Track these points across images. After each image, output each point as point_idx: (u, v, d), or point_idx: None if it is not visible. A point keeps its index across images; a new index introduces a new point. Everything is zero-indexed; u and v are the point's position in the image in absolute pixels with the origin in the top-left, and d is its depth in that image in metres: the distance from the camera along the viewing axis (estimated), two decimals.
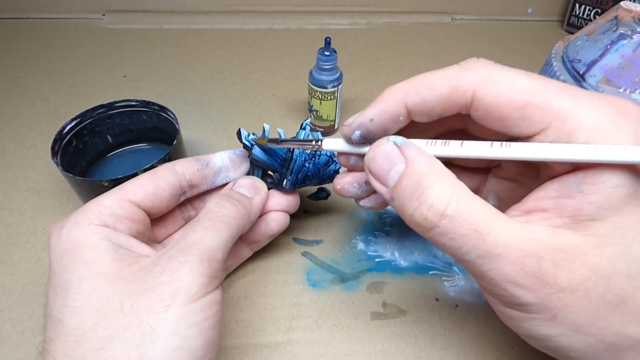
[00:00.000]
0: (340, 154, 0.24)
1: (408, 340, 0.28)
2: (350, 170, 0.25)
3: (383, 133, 0.21)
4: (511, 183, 0.24)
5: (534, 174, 0.21)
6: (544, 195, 0.18)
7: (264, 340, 0.27)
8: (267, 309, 0.29)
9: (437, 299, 0.30)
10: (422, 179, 0.18)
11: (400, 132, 0.22)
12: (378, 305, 0.30)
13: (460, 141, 0.20)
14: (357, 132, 0.21)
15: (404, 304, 0.30)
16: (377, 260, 0.32)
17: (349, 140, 0.22)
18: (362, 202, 0.25)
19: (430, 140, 0.20)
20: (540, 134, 0.18)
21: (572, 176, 0.17)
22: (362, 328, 0.28)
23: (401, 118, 0.21)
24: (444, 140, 0.20)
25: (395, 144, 0.20)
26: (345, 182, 0.24)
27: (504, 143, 0.19)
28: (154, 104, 0.37)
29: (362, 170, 0.24)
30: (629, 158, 0.16)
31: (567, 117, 0.17)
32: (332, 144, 0.24)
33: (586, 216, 0.17)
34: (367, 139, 0.22)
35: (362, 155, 0.22)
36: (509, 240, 0.17)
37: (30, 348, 0.27)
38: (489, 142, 0.19)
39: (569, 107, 0.17)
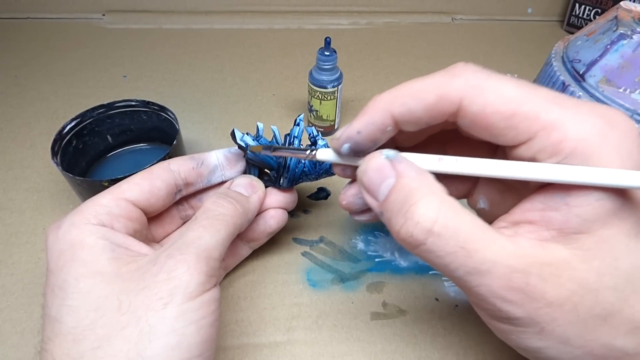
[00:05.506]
0: (336, 164, 0.24)
1: (408, 340, 0.28)
2: (352, 181, 0.25)
3: (372, 144, 0.21)
4: (502, 185, 0.23)
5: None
6: (531, 207, 0.18)
7: (264, 340, 0.28)
8: (267, 309, 0.29)
9: (437, 299, 0.30)
10: (410, 194, 0.18)
11: (392, 138, 0.21)
12: (378, 305, 0.30)
13: (455, 157, 0.20)
14: (346, 145, 0.21)
15: (404, 304, 0.30)
16: (377, 260, 0.32)
17: (339, 153, 0.22)
18: (356, 217, 0.25)
19: (426, 155, 0.20)
20: (526, 144, 0.18)
21: (558, 188, 0.17)
22: (362, 328, 0.28)
23: (389, 128, 0.20)
24: (439, 156, 0.20)
25: (388, 157, 0.19)
26: (350, 195, 0.24)
27: (500, 161, 0.19)
28: (154, 104, 0.37)
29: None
30: (620, 182, 0.16)
31: (554, 127, 0.17)
32: (326, 154, 0.24)
33: (573, 229, 0.17)
34: (357, 151, 0.21)
35: (356, 167, 0.22)
36: (496, 257, 0.17)
37: (30, 348, 0.27)
38: (485, 160, 0.19)
39: (556, 117, 0.17)
